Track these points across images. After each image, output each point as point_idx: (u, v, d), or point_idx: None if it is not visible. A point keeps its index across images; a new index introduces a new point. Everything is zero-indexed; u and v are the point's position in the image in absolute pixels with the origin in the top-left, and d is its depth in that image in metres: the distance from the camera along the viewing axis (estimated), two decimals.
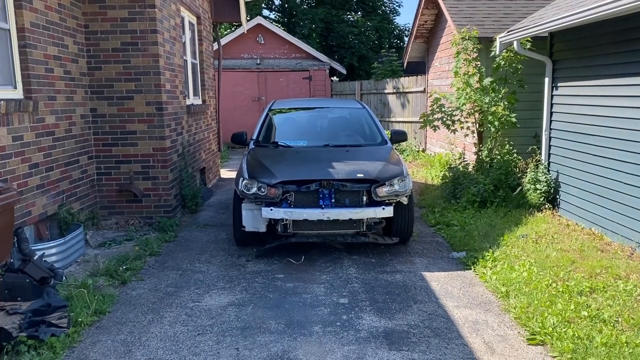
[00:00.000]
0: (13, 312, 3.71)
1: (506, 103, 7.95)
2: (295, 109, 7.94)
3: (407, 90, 14.23)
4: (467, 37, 8.25)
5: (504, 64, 7.84)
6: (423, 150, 13.47)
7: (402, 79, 14.61)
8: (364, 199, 5.39)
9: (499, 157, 7.83)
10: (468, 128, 8.55)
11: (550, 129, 7.25)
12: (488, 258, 5.27)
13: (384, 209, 5.32)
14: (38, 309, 3.79)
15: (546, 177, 7.06)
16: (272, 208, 5.28)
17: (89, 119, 6.55)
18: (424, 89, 13.30)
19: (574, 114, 6.62)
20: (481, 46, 8.48)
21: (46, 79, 5.46)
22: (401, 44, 27.16)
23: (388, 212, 5.34)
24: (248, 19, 14.96)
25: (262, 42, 17.10)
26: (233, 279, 5.00)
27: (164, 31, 6.78)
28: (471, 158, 8.99)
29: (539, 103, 7.67)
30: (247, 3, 12.69)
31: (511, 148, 7.91)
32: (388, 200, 5.38)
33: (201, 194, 8.08)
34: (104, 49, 6.48)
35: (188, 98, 8.54)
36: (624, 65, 5.53)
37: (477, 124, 8.57)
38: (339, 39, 24.11)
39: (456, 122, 8.50)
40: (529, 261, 5.06)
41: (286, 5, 25.20)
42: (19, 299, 3.91)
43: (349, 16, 26.44)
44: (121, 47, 6.48)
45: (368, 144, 6.60)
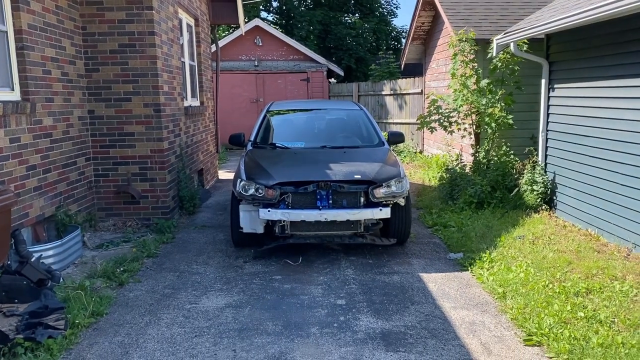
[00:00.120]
0: (10, 314, 3.70)
1: (503, 104, 7.98)
2: (293, 110, 7.94)
3: (404, 92, 14.26)
4: (464, 39, 8.27)
5: (500, 66, 7.87)
6: (420, 152, 13.49)
7: (400, 80, 14.64)
8: (362, 200, 5.39)
9: (496, 158, 7.85)
10: (465, 129, 8.58)
11: (547, 131, 7.27)
12: (485, 259, 5.29)
13: (381, 210, 5.33)
14: (35, 310, 3.78)
15: (543, 179, 7.08)
16: (269, 209, 5.29)
17: (87, 120, 6.55)
18: (421, 90, 13.33)
19: (570, 115, 6.64)
20: (478, 48, 8.50)
21: (44, 80, 5.46)
22: (399, 45, 27.23)
23: (385, 213, 5.35)
24: (246, 21, 14.95)
25: (260, 44, 17.11)
26: (230, 280, 5.00)
27: (161, 33, 6.79)
28: (468, 159, 9.01)
29: (535, 104, 7.70)
30: (245, 5, 12.69)
31: (508, 149, 7.93)
32: (385, 201, 5.39)
33: (199, 195, 8.08)
34: (101, 51, 6.48)
35: (186, 100, 8.55)
36: (620, 66, 5.55)
37: (474, 126, 8.59)
38: (336, 40, 24.17)
39: (453, 123, 8.53)
40: (526, 262, 5.07)
41: (284, 7, 25.25)
42: (16, 300, 3.90)
43: (346, 18, 26.50)
44: (119, 48, 6.48)
45: (365, 145, 6.61)
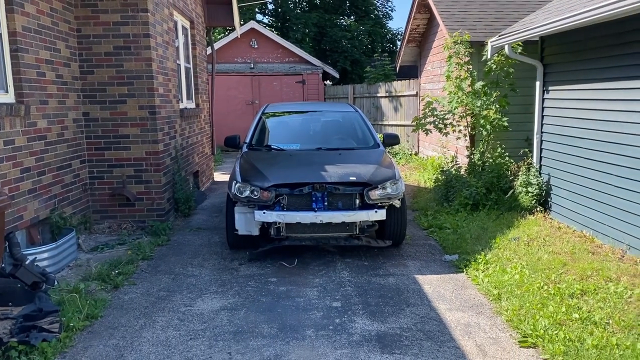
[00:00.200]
0: (4, 318, 3.68)
1: (498, 107, 8.01)
2: (289, 112, 7.94)
3: (399, 94, 14.29)
4: (459, 41, 8.30)
5: (495, 68, 7.90)
6: (416, 154, 13.51)
7: (395, 82, 14.67)
8: (357, 202, 5.39)
9: (491, 160, 7.88)
10: (460, 131, 8.61)
11: (542, 132, 7.30)
12: (480, 261, 5.30)
13: (376, 212, 5.33)
14: (29, 314, 3.76)
15: (538, 180, 7.10)
16: (265, 211, 5.28)
17: (82, 122, 6.53)
18: (417, 92, 13.36)
19: (565, 117, 6.67)
20: (473, 50, 8.53)
21: (38, 83, 5.44)
22: (394, 48, 27.28)
23: (381, 215, 5.35)
24: (241, 23, 14.98)
25: (256, 46, 17.12)
26: (226, 282, 4.99)
27: (157, 35, 6.78)
28: (463, 161, 9.03)
29: (530, 106, 7.73)
30: (241, 8, 12.70)
31: (503, 151, 7.96)
32: (381, 203, 5.40)
33: (194, 197, 8.07)
34: (96, 53, 6.46)
35: (181, 102, 8.54)
36: (614, 69, 5.58)
37: (469, 128, 8.62)
38: (332, 43, 24.19)
39: (448, 125, 8.56)
40: (521, 264, 5.09)
41: (279, 10, 25.27)
42: (10, 304, 3.87)
43: (342, 20, 26.53)
44: (114, 51, 6.47)
45: (361, 147, 6.61)
